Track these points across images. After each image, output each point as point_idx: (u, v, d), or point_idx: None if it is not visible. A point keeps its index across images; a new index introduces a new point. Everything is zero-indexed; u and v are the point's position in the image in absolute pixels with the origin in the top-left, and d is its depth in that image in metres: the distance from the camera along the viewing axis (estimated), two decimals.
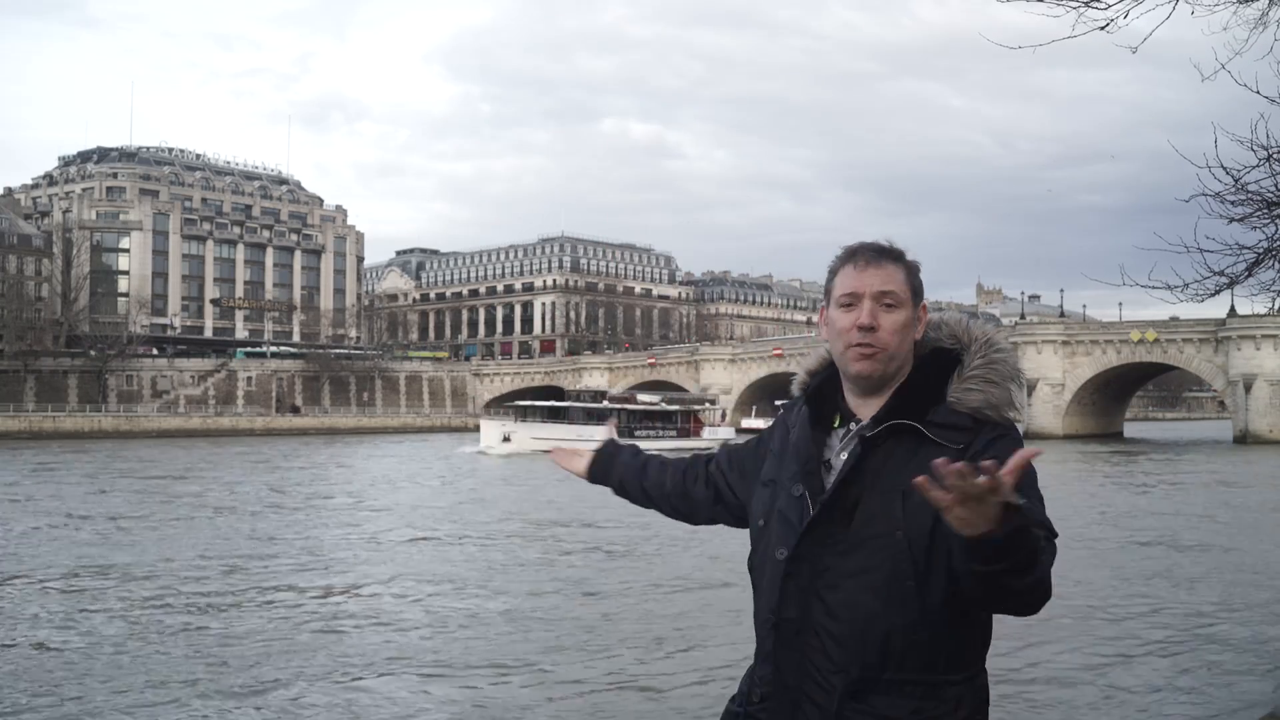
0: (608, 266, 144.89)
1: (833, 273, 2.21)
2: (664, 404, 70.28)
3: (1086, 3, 5.52)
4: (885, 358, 2.11)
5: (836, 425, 2.21)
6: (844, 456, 2.13)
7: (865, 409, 2.16)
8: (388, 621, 12.89)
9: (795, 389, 2.33)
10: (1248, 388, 67.32)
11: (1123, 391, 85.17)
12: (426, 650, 11.39)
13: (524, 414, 64.76)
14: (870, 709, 2.03)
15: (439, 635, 12.13)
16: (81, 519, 24.03)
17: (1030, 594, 1.85)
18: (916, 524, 2.00)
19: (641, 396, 72.26)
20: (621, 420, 63.59)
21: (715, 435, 68.50)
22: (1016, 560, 1.76)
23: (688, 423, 68.65)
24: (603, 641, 11.74)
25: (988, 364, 2.12)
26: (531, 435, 58.66)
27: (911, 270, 2.17)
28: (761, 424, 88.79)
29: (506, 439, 58.80)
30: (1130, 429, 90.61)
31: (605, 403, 65.88)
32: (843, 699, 2.04)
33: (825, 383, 2.25)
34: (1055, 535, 1.95)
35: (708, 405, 74.59)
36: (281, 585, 15.39)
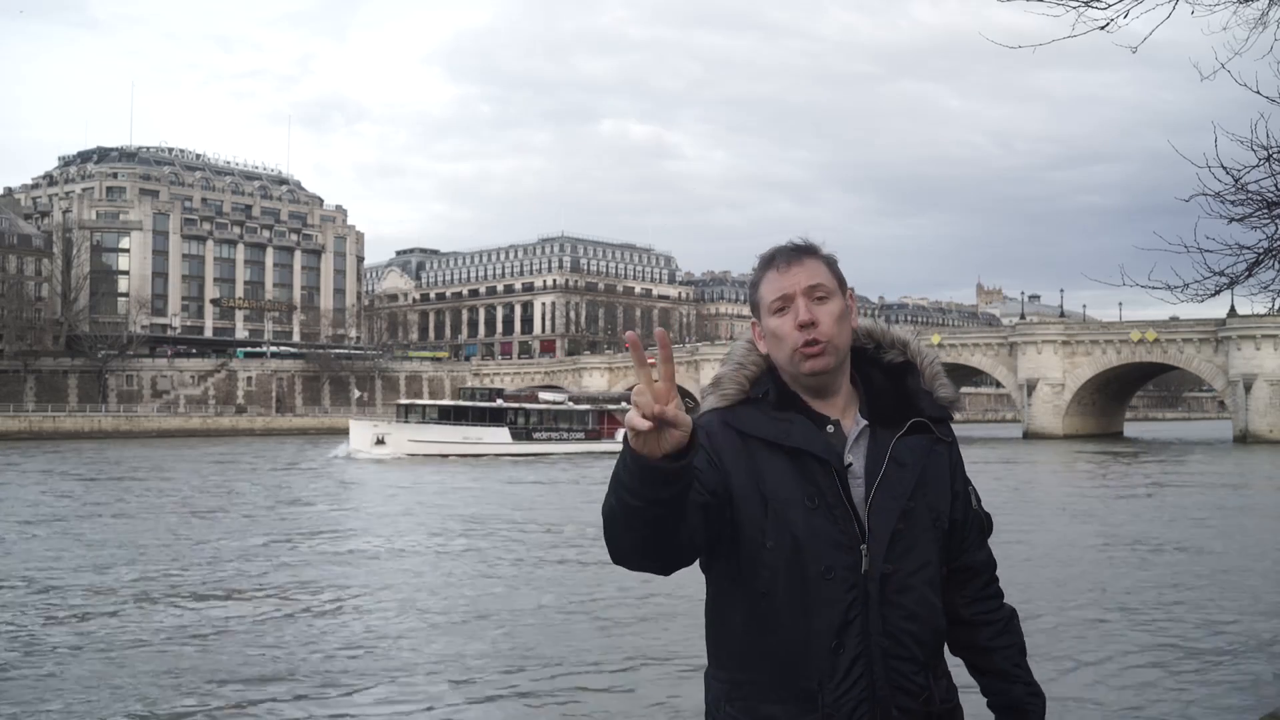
0: (608, 266, 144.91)
1: (754, 285, 2.17)
2: (571, 403, 64.38)
3: (1086, 3, 5.52)
4: (834, 349, 2.09)
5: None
6: (852, 457, 2.09)
7: (831, 410, 2.13)
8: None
9: (727, 399, 2.14)
10: (1248, 388, 67.28)
11: (1123, 391, 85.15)
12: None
13: (406, 413, 57.57)
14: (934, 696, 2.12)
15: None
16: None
17: None
18: (944, 511, 2.15)
19: (544, 395, 65.79)
20: (518, 421, 58.00)
21: None
22: None
23: (599, 423, 62.15)
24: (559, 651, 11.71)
25: (934, 362, 2.23)
26: (409, 438, 53.30)
27: (830, 262, 2.15)
28: None
29: (380, 441, 52.79)
30: (1130, 429, 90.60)
31: (500, 401, 59.64)
32: (933, 692, 2.08)
33: (781, 385, 2.14)
34: (992, 528, 2.27)
35: (624, 404, 68.23)
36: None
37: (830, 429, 2.10)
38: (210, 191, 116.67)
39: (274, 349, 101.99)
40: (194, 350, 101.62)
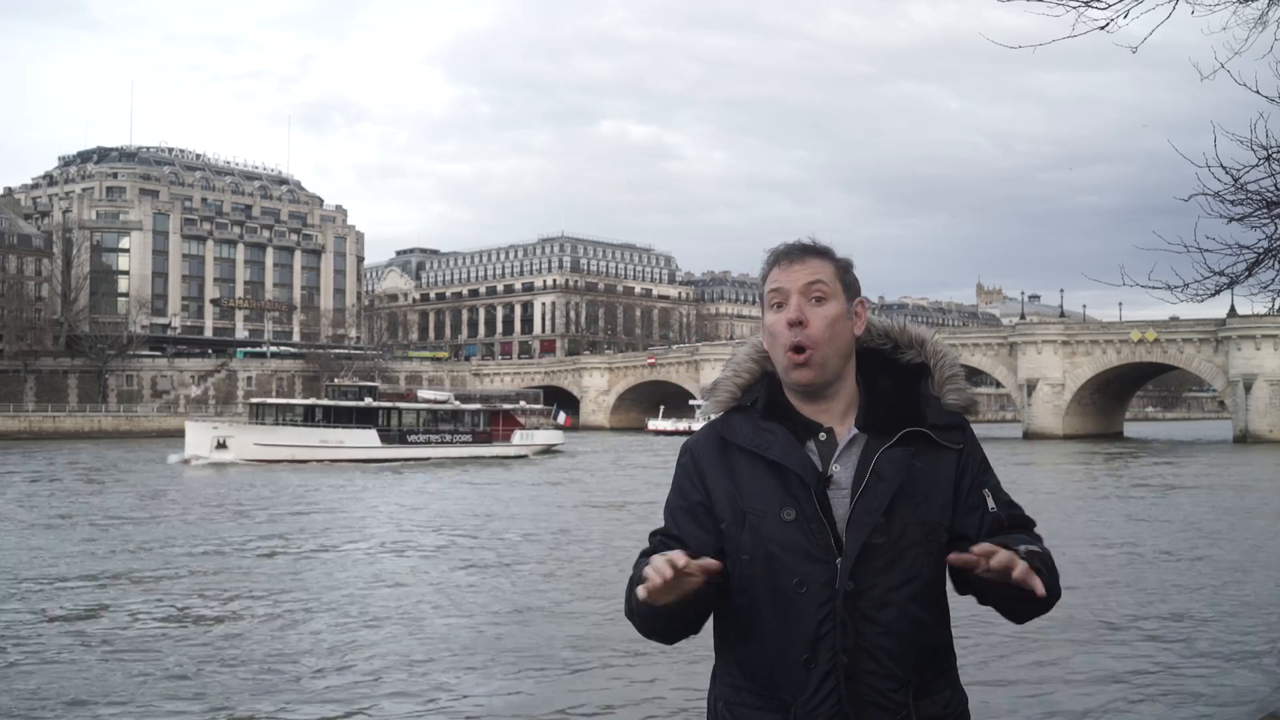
0: (608, 266, 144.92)
1: (763, 278, 2.15)
2: (456, 402, 57.74)
3: (1086, 3, 5.52)
4: (820, 359, 2.05)
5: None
6: (838, 468, 2.05)
7: (825, 416, 2.10)
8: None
9: (720, 406, 2.18)
10: (1248, 388, 67.29)
11: (1123, 391, 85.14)
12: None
13: (258, 413, 51.65)
14: (920, 714, 2.03)
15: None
16: None
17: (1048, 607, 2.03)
18: (943, 523, 2.06)
19: (423, 394, 59.13)
20: (390, 423, 52.32)
21: (530, 440, 56.48)
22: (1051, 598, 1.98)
23: (491, 424, 56.00)
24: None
25: (951, 364, 2.16)
26: (255, 441, 47.65)
27: (840, 265, 2.11)
28: (669, 425, 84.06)
29: (221, 445, 46.96)
30: (1130, 429, 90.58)
31: (369, 400, 53.05)
32: (913, 710, 2.01)
33: (771, 393, 2.14)
34: (1034, 524, 2.14)
35: (524, 404, 63.10)
36: None
37: (822, 436, 2.08)
38: (210, 191, 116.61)
39: (274, 349, 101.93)
40: (194, 350, 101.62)
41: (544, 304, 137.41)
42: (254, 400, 57.13)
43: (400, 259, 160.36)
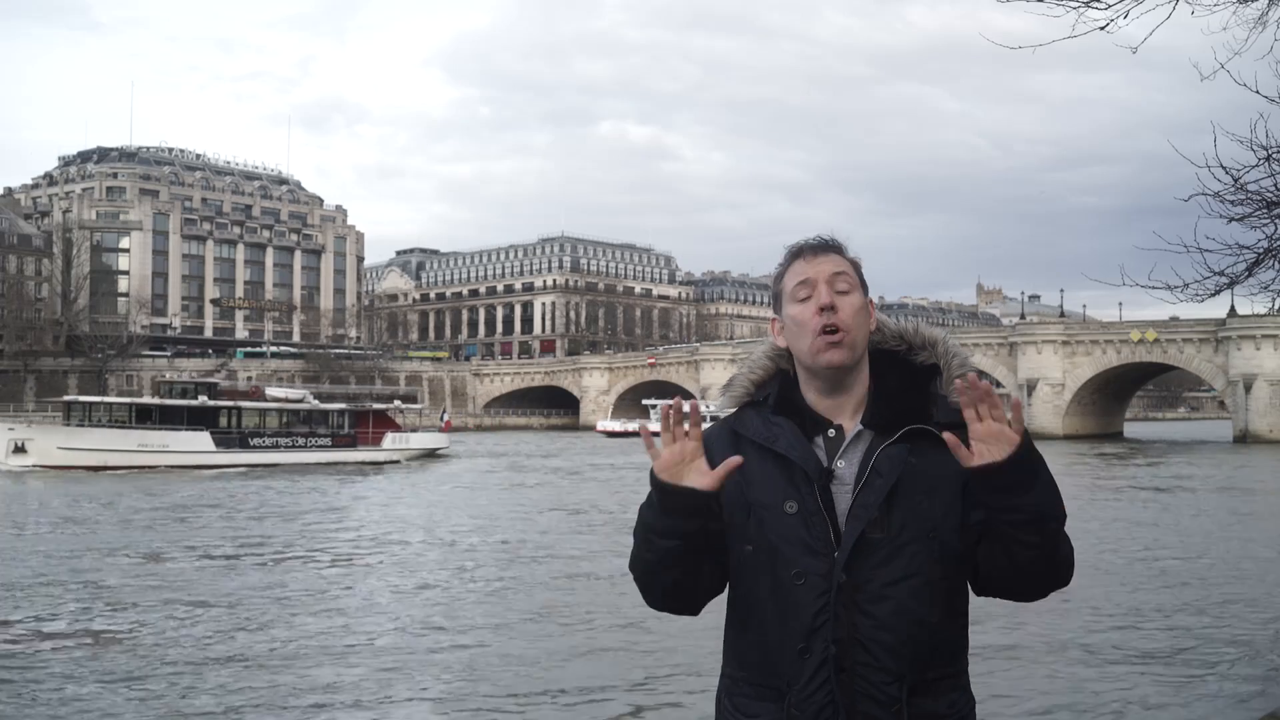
0: (608, 266, 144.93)
1: (778, 277, 2.21)
2: (314, 401, 51.10)
3: (1086, 3, 5.52)
4: (851, 342, 2.10)
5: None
6: (843, 464, 2.09)
7: (837, 412, 2.14)
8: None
9: (734, 401, 2.23)
10: (1248, 388, 67.30)
11: (1123, 391, 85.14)
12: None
13: (72, 412, 45.53)
14: (917, 710, 2.04)
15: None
16: None
17: (1051, 561, 2.06)
18: (948, 522, 2.06)
19: (273, 391, 52.49)
20: (230, 424, 46.02)
21: (406, 444, 50.98)
22: (1024, 483, 1.97)
23: (358, 426, 49.74)
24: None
25: (961, 364, 2.18)
26: (59, 444, 42.14)
27: (855, 263, 2.19)
28: (617, 425, 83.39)
29: (18, 449, 41.72)
30: (1130, 429, 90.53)
31: (204, 399, 46.49)
32: (905, 705, 2.02)
33: (784, 390, 2.19)
34: (1064, 517, 2.13)
35: (399, 404, 57.38)
36: None
37: (831, 433, 2.12)
38: (210, 191, 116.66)
39: (274, 349, 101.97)
40: (194, 350, 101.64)
41: (544, 304, 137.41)
42: (66, 397, 51.15)
43: (400, 259, 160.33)
